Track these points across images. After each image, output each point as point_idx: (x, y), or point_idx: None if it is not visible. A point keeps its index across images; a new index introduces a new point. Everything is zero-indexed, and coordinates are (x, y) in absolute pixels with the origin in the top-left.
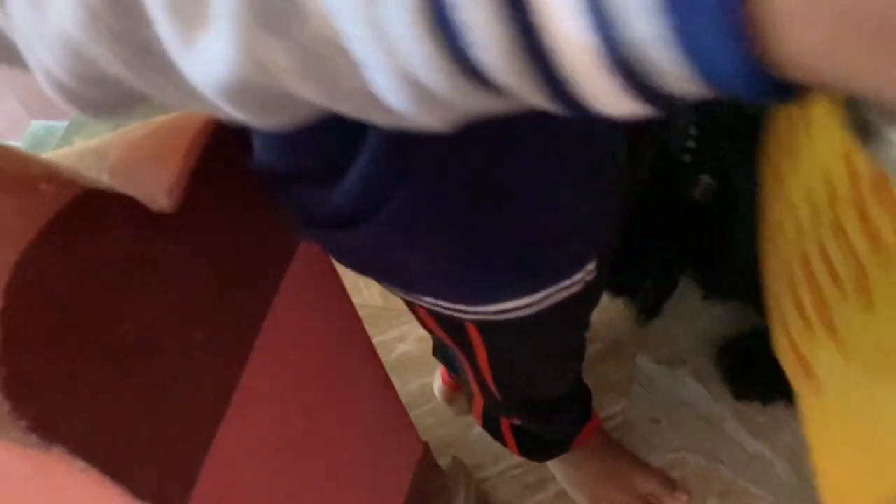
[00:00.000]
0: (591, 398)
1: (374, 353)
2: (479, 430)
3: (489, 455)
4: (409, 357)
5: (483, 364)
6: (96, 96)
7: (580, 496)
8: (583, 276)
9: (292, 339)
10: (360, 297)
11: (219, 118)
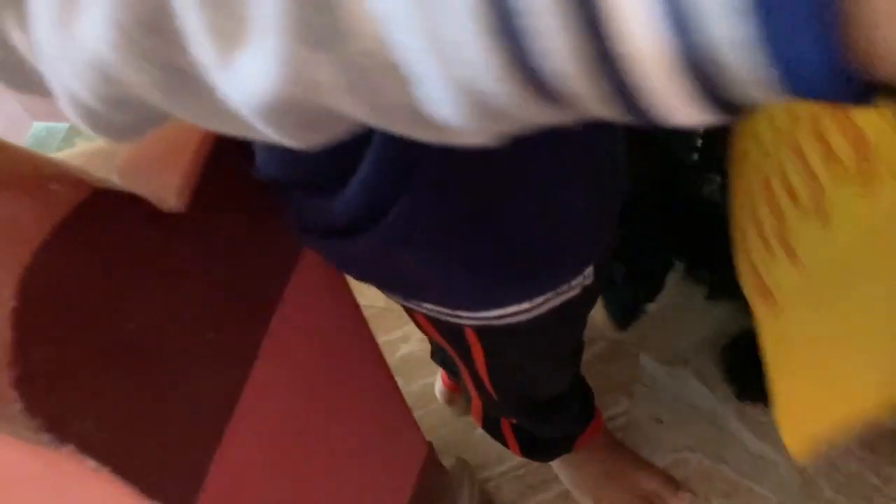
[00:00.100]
0: (593, 398)
1: (380, 354)
2: (481, 430)
3: (492, 455)
4: (412, 357)
5: (481, 367)
6: (121, 119)
7: (583, 496)
8: (581, 280)
9: (299, 338)
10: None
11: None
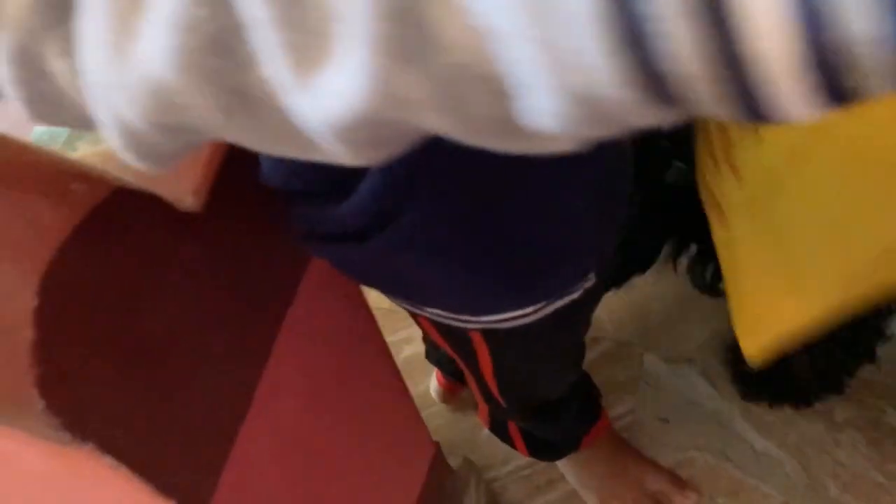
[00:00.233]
0: (599, 397)
1: (389, 354)
2: (488, 431)
3: (498, 455)
4: (416, 359)
5: (487, 371)
6: (170, 146)
7: (590, 495)
8: (583, 283)
9: (311, 339)
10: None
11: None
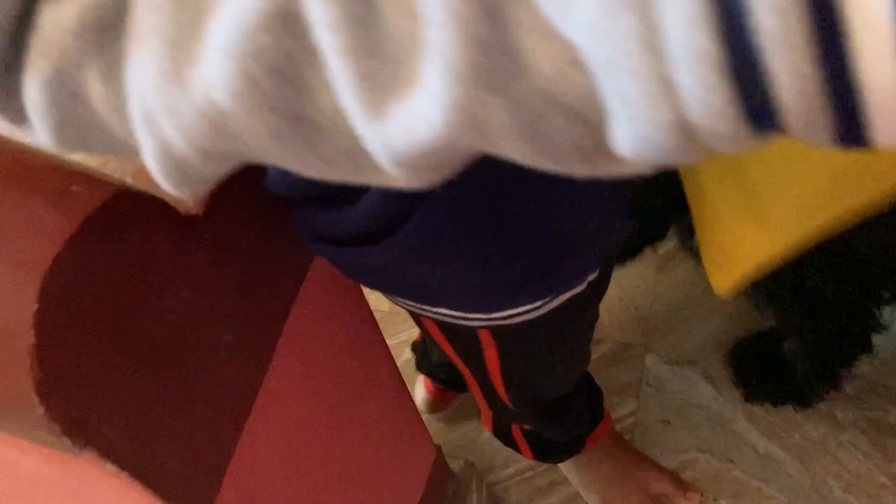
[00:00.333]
0: (602, 397)
1: (390, 357)
2: (489, 433)
3: (500, 458)
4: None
5: (494, 370)
6: (210, 171)
7: (592, 497)
8: (588, 276)
9: (313, 342)
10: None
11: None
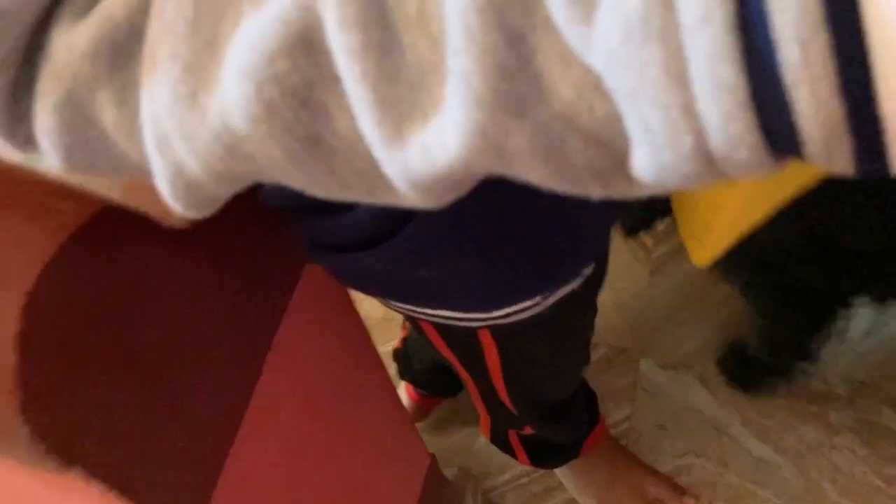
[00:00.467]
0: (596, 400)
1: (382, 365)
2: (483, 439)
3: (495, 464)
4: None
5: (495, 372)
6: (221, 192)
7: (589, 502)
8: (585, 270)
9: (303, 352)
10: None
11: None
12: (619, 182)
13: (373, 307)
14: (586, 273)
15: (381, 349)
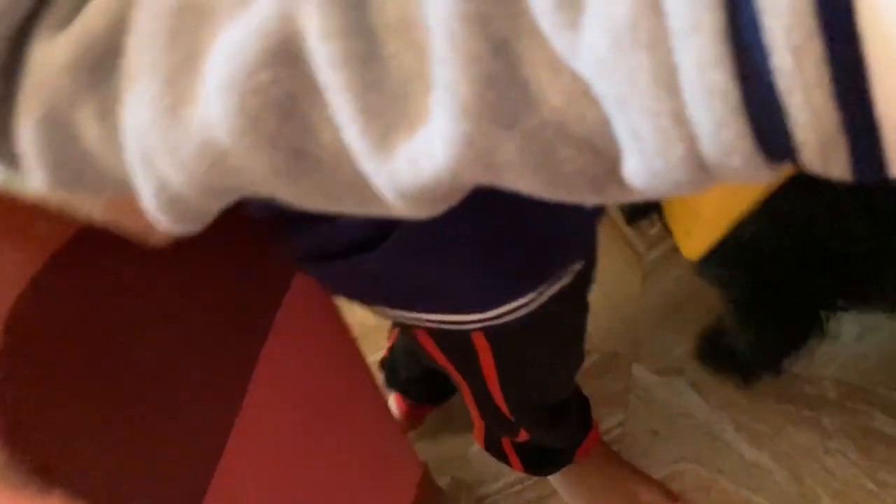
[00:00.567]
0: (589, 406)
1: (371, 375)
2: (477, 447)
3: (488, 472)
4: None
5: (490, 376)
6: (207, 207)
7: None
8: (574, 266)
9: (291, 364)
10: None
11: None
12: (612, 188)
13: (364, 315)
14: (576, 269)
15: (372, 358)
